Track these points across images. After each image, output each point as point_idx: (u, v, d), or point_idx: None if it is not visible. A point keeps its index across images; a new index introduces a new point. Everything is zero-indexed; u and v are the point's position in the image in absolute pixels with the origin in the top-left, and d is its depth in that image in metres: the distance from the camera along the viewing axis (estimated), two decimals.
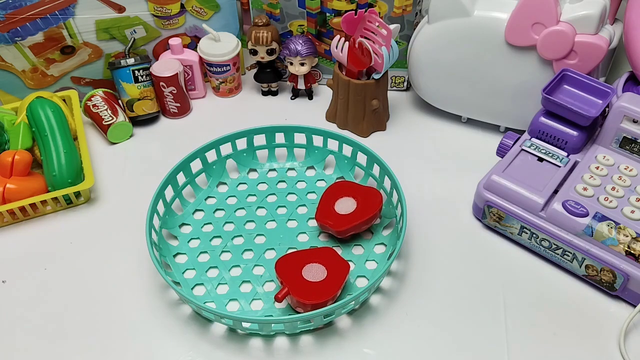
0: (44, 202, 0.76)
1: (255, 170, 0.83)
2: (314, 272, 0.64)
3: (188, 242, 0.73)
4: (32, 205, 0.75)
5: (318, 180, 0.81)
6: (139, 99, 0.89)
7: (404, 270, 0.69)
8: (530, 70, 0.77)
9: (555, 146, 0.73)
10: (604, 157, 0.71)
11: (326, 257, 0.66)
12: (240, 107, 0.96)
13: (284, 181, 0.81)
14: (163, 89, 0.89)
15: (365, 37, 0.80)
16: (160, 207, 0.73)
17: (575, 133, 0.71)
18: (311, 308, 0.61)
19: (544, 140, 0.73)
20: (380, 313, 0.65)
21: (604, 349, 0.61)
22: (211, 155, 0.79)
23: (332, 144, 0.81)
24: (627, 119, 0.69)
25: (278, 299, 0.62)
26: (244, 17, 1.03)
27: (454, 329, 0.64)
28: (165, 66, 0.89)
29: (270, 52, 0.91)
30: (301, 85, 0.94)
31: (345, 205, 0.72)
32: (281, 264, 0.65)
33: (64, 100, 0.88)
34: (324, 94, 0.96)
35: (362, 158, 0.79)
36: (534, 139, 0.74)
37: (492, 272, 0.69)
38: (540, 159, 0.72)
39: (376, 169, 0.77)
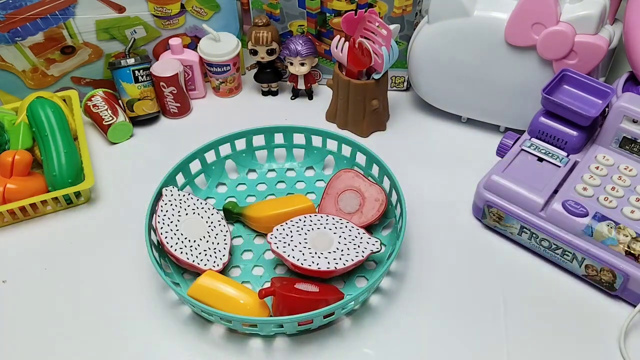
0: (44, 202, 0.76)
1: (254, 170, 0.83)
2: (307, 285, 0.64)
3: None
4: (33, 205, 0.75)
5: (317, 180, 0.81)
6: (139, 99, 0.89)
7: (404, 270, 0.69)
8: (530, 70, 0.77)
9: (555, 146, 0.73)
10: (604, 157, 0.71)
11: (325, 289, 0.64)
12: (241, 107, 0.96)
13: (283, 181, 0.81)
14: (163, 89, 0.89)
15: (365, 37, 0.80)
16: None
17: (575, 133, 0.71)
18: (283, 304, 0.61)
19: (543, 140, 0.73)
20: (380, 313, 0.65)
21: (604, 349, 0.61)
22: (210, 156, 0.79)
23: (331, 144, 0.81)
24: (627, 119, 0.69)
25: (261, 294, 0.61)
26: (244, 17, 1.03)
27: (454, 328, 0.64)
28: (166, 66, 0.89)
29: (270, 52, 0.91)
30: (301, 85, 0.94)
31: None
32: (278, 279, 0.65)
33: (64, 100, 0.88)
34: (324, 94, 0.96)
35: (361, 158, 0.79)
36: (533, 139, 0.74)
37: (492, 272, 0.69)
38: (540, 159, 0.72)
39: (375, 169, 0.77)
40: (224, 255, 0.67)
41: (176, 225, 0.68)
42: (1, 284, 0.69)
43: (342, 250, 0.65)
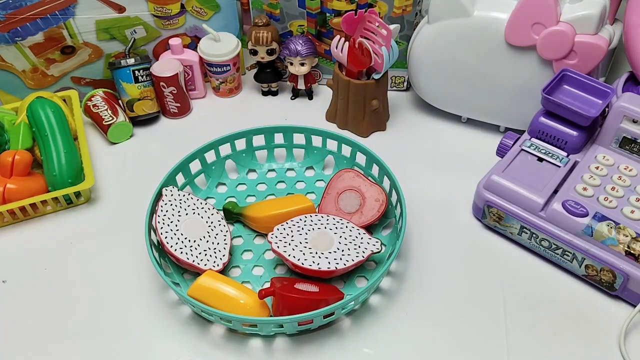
0: (44, 202, 0.76)
1: (254, 170, 0.83)
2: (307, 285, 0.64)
3: None
4: (33, 205, 0.75)
5: (317, 180, 0.81)
6: (139, 99, 0.89)
7: (404, 270, 0.69)
8: (530, 70, 0.77)
9: (555, 146, 0.73)
10: (604, 157, 0.71)
11: (325, 289, 0.64)
12: (241, 107, 0.96)
13: (283, 181, 0.81)
14: (163, 89, 0.89)
15: (365, 37, 0.80)
16: None
17: (575, 133, 0.71)
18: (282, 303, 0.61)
19: (543, 140, 0.73)
20: (380, 313, 0.65)
21: (604, 349, 0.61)
22: (210, 156, 0.79)
23: (331, 144, 0.81)
24: (627, 119, 0.69)
25: (261, 294, 0.61)
26: (244, 17, 1.03)
27: (454, 328, 0.64)
28: (166, 66, 0.89)
29: (270, 52, 0.91)
30: (301, 85, 0.94)
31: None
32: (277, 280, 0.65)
33: (64, 100, 0.88)
34: (324, 94, 0.96)
35: (361, 158, 0.79)
36: (533, 139, 0.74)
37: (492, 272, 0.69)
38: (540, 159, 0.72)
39: (375, 169, 0.77)
40: (224, 255, 0.67)
41: (176, 225, 0.68)
42: (1, 284, 0.69)
43: (342, 251, 0.65)
